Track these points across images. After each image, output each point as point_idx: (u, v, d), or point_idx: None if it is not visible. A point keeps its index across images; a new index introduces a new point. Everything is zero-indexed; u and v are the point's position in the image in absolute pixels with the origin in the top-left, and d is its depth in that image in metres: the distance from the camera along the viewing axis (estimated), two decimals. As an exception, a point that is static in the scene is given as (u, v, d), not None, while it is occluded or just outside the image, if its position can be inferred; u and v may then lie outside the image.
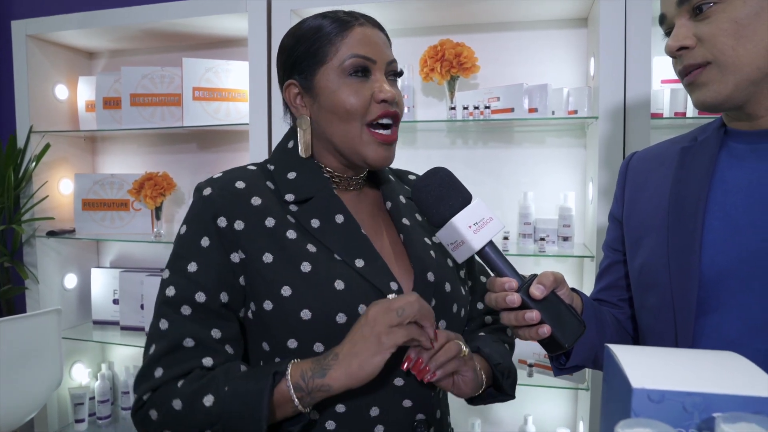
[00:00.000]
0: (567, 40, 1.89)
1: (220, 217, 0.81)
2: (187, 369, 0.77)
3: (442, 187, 0.76)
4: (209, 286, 0.79)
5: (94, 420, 2.28)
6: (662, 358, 0.52)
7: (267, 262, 0.80)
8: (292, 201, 0.85)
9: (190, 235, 0.82)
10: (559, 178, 1.92)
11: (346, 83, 0.84)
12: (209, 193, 0.82)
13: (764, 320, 0.71)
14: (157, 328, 0.80)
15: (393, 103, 0.86)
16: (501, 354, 0.91)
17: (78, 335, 2.23)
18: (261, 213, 0.82)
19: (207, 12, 1.91)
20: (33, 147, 2.15)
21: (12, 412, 1.82)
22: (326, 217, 0.85)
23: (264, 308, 0.80)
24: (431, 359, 0.76)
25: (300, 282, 0.79)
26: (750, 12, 0.70)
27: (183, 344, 0.78)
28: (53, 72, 2.25)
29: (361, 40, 0.84)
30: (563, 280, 0.75)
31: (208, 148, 2.28)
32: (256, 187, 0.85)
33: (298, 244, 0.82)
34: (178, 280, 0.80)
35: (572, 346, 0.72)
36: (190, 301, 0.79)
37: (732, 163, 0.79)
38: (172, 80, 2.09)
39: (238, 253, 0.80)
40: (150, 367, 0.78)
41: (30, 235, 2.18)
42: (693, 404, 0.44)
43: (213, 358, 0.78)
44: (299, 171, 0.88)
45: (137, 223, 2.22)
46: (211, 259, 0.80)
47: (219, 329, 0.80)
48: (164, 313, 0.80)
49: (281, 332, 0.79)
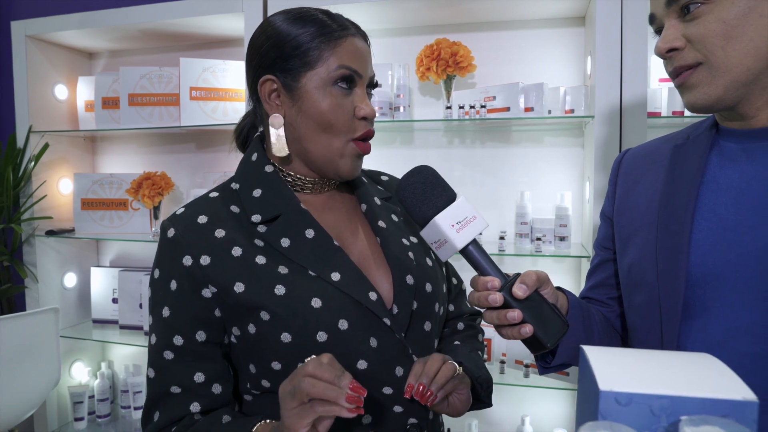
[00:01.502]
0: (565, 39, 1.88)
1: (185, 256, 0.81)
2: (178, 415, 0.81)
3: (426, 186, 0.76)
4: (184, 329, 0.81)
5: (93, 418, 2.29)
6: (635, 360, 0.51)
7: (239, 291, 0.80)
8: (259, 222, 0.84)
9: (161, 280, 0.83)
10: (557, 177, 1.91)
11: (330, 93, 0.83)
12: (173, 234, 0.83)
13: (750, 323, 0.70)
14: (148, 376, 0.84)
15: (370, 121, 0.87)
16: (478, 366, 0.91)
17: (77, 334, 2.24)
18: (227, 244, 0.82)
19: (204, 12, 1.92)
20: (33, 147, 2.17)
21: (11, 410, 1.83)
22: (296, 234, 0.84)
23: (249, 331, 0.81)
24: (432, 382, 0.76)
25: (276, 306, 0.79)
26: (738, 12, 0.69)
27: (171, 391, 0.81)
28: (53, 72, 2.26)
29: (352, 52, 0.84)
30: (547, 279, 0.74)
31: (206, 148, 2.28)
32: (219, 218, 0.84)
33: (268, 268, 0.81)
34: (156, 326, 0.83)
35: (555, 345, 0.71)
36: (170, 346, 0.81)
37: (723, 162, 0.78)
38: (170, 80, 2.09)
39: (209, 288, 0.81)
40: (149, 410, 0.83)
41: (29, 234, 2.19)
42: (661, 407, 0.44)
43: (200, 403, 0.81)
44: (264, 187, 0.87)
45: (136, 223, 2.23)
46: (181, 302, 0.81)
47: (202, 372, 0.82)
48: (151, 361, 0.83)
49: (265, 355, 0.80)
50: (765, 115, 0.73)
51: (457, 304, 1.05)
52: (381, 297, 0.83)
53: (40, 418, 2.24)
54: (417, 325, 0.86)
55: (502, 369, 1.80)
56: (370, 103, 0.86)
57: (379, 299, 0.82)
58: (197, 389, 0.81)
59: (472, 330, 1.02)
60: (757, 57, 0.69)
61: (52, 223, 2.25)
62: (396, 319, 0.83)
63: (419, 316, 0.87)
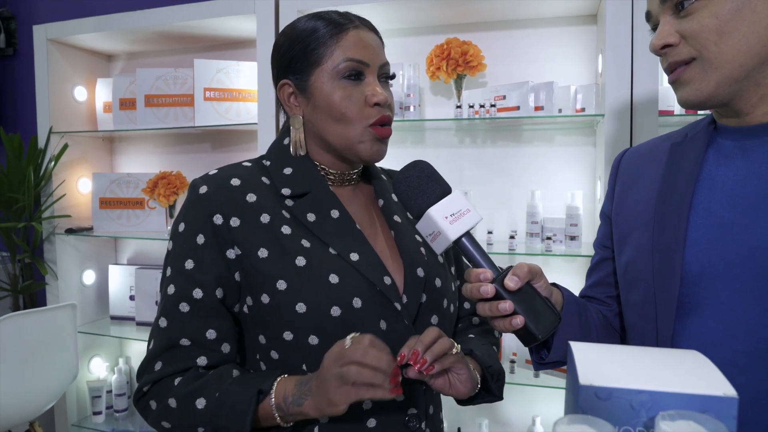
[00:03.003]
0: (577, 37, 1.87)
1: (216, 215, 0.83)
2: (183, 367, 0.81)
3: (421, 179, 0.77)
4: (206, 283, 0.82)
5: (111, 413, 2.34)
6: (620, 356, 0.51)
7: (262, 257, 0.82)
8: (288, 195, 0.87)
9: (186, 234, 0.84)
10: (568, 176, 1.90)
11: (339, 86, 0.85)
12: (205, 191, 0.84)
13: (745, 321, 0.70)
14: (157, 324, 0.84)
15: (385, 107, 0.87)
16: (491, 357, 0.92)
17: (96, 330, 2.29)
18: (256, 209, 0.84)
19: (217, 14, 1.95)
20: (53, 147, 2.22)
21: (31, 402, 1.88)
22: (322, 211, 0.87)
23: (261, 301, 0.82)
24: (427, 351, 0.76)
25: (295, 276, 0.81)
26: (732, 8, 0.69)
27: (180, 343, 0.82)
28: (72, 74, 2.32)
29: (356, 44, 0.86)
30: (540, 273, 0.75)
31: (221, 148, 2.32)
32: (251, 184, 0.87)
33: (292, 239, 0.83)
34: (177, 277, 0.84)
35: (546, 337, 0.71)
36: (188, 298, 0.82)
37: (719, 160, 0.77)
38: (185, 81, 2.13)
39: (234, 250, 0.83)
40: (150, 360, 0.83)
41: (50, 232, 2.25)
42: (640, 402, 0.44)
43: (207, 358, 0.82)
44: (295, 167, 0.90)
45: (152, 221, 2.27)
46: (207, 257, 0.83)
47: (214, 329, 0.83)
48: (164, 310, 0.84)
49: (277, 325, 0.82)
50: (760, 112, 0.73)
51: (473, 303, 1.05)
52: (395, 283, 0.86)
53: (61, 411, 2.30)
54: (425, 317, 0.88)
55: (512, 368, 1.80)
56: (382, 90, 0.87)
57: (393, 284, 0.85)
58: (208, 344, 0.82)
59: (487, 326, 1.03)
60: (750, 53, 0.69)
61: (72, 221, 2.30)
62: (405, 307, 0.85)
63: (427, 308, 0.88)
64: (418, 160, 0.81)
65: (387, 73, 0.90)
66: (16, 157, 2.18)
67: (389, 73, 0.91)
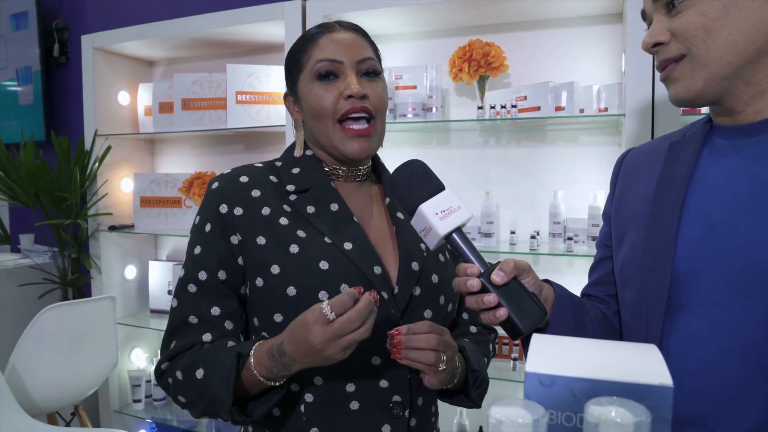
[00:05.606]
0: (602, 36, 1.85)
1: (222, 205, 0.90)
2: (191, 343, 0.89)
3: (414, 177, 0.81)
4: (210, 266, 0.90)
5: (150, 401, 2.47)
6: (576, 348, 0.53)
7: (260, 244, 0.88)
8: (292, 191, 0.93)
9: (198, 225, 0.93)
10: (592, 176, 1.88)
11: (315, 86, 0.91)
12: (216, 186, 0.93)
13: (730, 320, 0.69)
14: (171, 306, 0.92)
15: (361, 98, 0.90)
16: (479, 363, 0.94)
17: (136, 322, 2.42)
18: (259, 203, 0.91)
19: (248, 20, 2.03)
20: (98, 149, 2.36)
21: (74, 386, 2.01)
22: (322, 204, 0.92)
23: (256, 285, 0.88)
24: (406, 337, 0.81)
25: (288, 262, 0.87)
26: (719, 7, 0.69)
27: (188, 320, 0.89)
28: (116, 80, 2.46)
29: (328, 45, 0.91)
30: (528, 269, 0.77)
31: (253, 149, 2.40)
32: (258, 182, 0.94)
33: (289, 229, 0.90)
34: (187, 262, 0.92)
35: (530, 330, 0.73)
36: (195, 280, 0.90)
37: (713, 159, 0.77)
38: (219, 85, 2.23)
39: (236, 236, 0.89)
40: (167, 339, 0.91)
41: (94, 229, 2.39)
42: (581, 389, 0.46)
43: (212, 334, 0.89)
44: (302, 166, 0.96)
45: (188, 219, 2.38)
46: (212, 242, 0.90)
47: (219, 306, 0.90)
48: (176, 292, 0.92)
49: (269, 307, 0.88)
50: (752, 111, 0.73)
51: (472, 314, 1.07)
52: (386, 273, 0.89)
53: (104, 398, 2.44)
54: (417, 310, 0.91)
55: (514, 366, 1.80)
56: (357, 83, 0.90)
57: (382, 274, 0.89)
58: (212, 320, 0.89)
59: (483, 336, 1.05)
60: (737, 51, 0.69)
61: (114, 219, 2.44)
62: (395, 297, 0.89)
63: (420, 301, 0.91)
64: (412, 159, 0.84)
65: (368, 68, 0.92)
66: (65, 158, 2.33)
67: (371, 68, 0.93)
